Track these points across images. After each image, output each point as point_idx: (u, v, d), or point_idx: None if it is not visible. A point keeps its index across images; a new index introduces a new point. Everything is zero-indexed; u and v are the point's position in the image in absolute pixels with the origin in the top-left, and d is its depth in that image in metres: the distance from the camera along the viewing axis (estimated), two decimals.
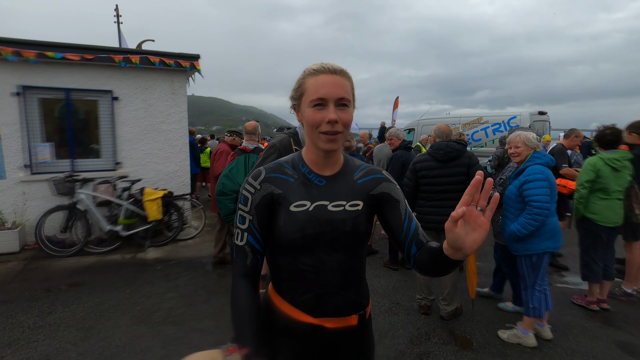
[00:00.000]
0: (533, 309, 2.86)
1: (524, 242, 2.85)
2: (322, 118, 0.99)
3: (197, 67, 6.15)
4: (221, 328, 3.19)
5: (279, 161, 1.13)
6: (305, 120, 1.03)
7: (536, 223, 2.72)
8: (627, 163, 3.38)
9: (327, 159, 1.08)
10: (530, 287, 2.89)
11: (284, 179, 1.08)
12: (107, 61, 5.53)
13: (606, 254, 3.51)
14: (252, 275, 1.09)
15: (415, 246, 1.08)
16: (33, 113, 5.35)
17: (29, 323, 3.23)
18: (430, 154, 3.32)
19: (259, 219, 1.07)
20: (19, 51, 4.99)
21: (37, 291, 3.88)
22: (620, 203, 3.39)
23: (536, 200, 2.72)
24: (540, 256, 2.83)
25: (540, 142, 2.98)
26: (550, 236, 2.80)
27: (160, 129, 6.13)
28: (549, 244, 2.80)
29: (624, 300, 3.74)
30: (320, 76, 1.00)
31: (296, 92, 1.07)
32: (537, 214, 2.71)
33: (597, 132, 3.54)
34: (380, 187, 1.14)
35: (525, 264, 2.90)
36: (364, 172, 1.15)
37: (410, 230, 1.10)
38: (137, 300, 3.70)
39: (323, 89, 0.99)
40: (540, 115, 9.47)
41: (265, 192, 1.06)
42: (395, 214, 1.12)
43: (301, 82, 1.05)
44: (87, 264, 4.73)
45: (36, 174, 5.38)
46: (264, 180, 1.07)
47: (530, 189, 2.76)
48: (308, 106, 1.01)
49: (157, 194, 5.40)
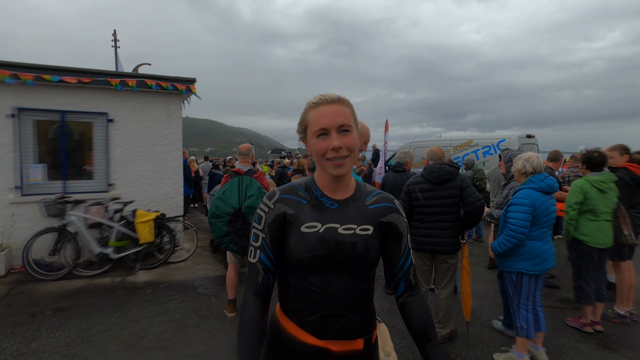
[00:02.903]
0: (520, 327, 2.90)
1: (503, 259, 3.03)
2: (326, 146, 1.05)
3: (193, 90, 6.25)
4: (212, 353, 3.10)
5: (292, 184, 1.19)
6: (312, 149, 1.09)
7: (509, 244, 2.89)
8: (612, 185, 3.48)
9: (338, 183, 1.13)
10: (516, 305, 2.97)
11: (296, 200, 1.13)
12: (104, 84, 5.61)
13: (598, 275, 3.54)
14: (263, 293, 1.11)
15: (404, 284, 1.19)
16: (27, 134, 5.36)
17: (12, 350, 3.11)
18: (423, 176, 3.38)
19: (271, 237, 1.11)
20: (17, 74, 5.05)
21: (21, 316, 3.76)
22: (609, 224, 3.46)
23: (512, 224, 2.88)
24: (518, 275, 2.94)
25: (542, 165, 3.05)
26: (527, 258, 2.89)
27: (154, 150, 6.15)
28: (524, 265, 2.89)
29: (617, 322, 3.74)
30: (320, 108, 1.07)
31: (301, 125, 1.14)
32: (511, 235, 2.88)
33: (584, 155, 3.64)
34: (390, 216, 1.18)
35: (508, 281, 3.04)
36: (377, 199, 1.19)
37: (404, 268, 1.19)
38: (125, 324, 3.60)
39: (324, 120, 1.05)
40: (529, 138, 9.72)
41: (279, 211, 1.11)
42: (396, 248, 1.19)
43: (304, 116, 1.12)
44: (75, 288, 4.61)
45: (27, 195, 5.32)
46: (278, 200, 1.13)
47: (510, 212, 2.93)
48: (313, 137, 1.08)
49: (149, 215, 5.36)
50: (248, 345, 1.04)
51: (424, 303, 1.19)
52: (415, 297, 1.19)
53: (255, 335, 1.05)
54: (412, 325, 1.16)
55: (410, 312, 1.17)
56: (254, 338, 1.05)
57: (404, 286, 1.19)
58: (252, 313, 1.08)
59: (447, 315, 3.30)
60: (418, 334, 1.14)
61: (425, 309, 1.18)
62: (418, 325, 1.15)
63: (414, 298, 1.19)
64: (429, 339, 1.13)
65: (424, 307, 1.18)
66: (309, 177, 1.21)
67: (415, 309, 1.17)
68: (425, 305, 1.19)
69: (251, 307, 1.09)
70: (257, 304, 1.09)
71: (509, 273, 3.01)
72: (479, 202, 3.17)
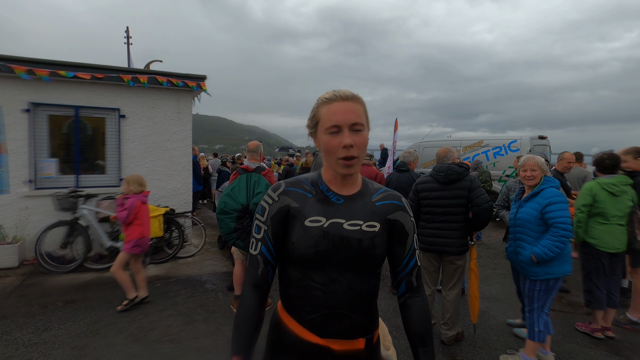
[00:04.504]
0: (539, 332, 2.81)
1: (546, 266, 2.79)
2: (338, 143, 1.03)
3: (203, 87, 6.29)
4: (219, 347, 3.13)
5: (299, 177, 1.17)
6: (322, 146, 1.07)
7: (562, 245, 2.71)
8: (627, 188, 3.39)
9: (345, 180, 1.12)
10: (537, 309, 2.84)
11: (302, 193, 1.11)
12: (116, 80, 5.68)
13: (610, 281, 3.46)
14: (262, 285, 1.11)
15: (405, 285, 1.17)
16: (41, 129, 5.46)
17: (24, 340, 3.18)
18: (432, 176, 3.35)
19: (273, 230, 1.10)
20: (32, 70, 5.14)
21: (33, 307, 3.84)
22: (622, 229, 3.38)
23: (562, 222, 2.71)
24: (557, 280, 2.82)
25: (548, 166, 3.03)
26: (568, 259, 2.81)
27: (164, 146, 6.21)
28: (567, 267, 2.80)
29: (629, 329, 3.67)
30: (333, 104, 1.05)
31: (312, 120, 1.11)
32: (564, 235, 2.70)
33: (596, 158, 3.59)
34: (397, 214, 1.16)
35: (539, 287, 2.84)
36: (384, 196, 1.17)
37: (406, 268, 1.17)
38: (134, 318, 3.65)
39: (336, 116, 1.03)
40: (541, 139, 9.56)
41: (283, 204, 1.10)
42: (400, 247, 1.16)
43: (315, 111, 1.09)
44: (86, 281, 4.69)
45: (40, 189, 5.42)
46: (282, 193, 1.11)
47: (555, 211, 2.75)
48: (324, 133, 1.05)
49: (158, 210, 5.42)
50: (243, 336, 1.06)
51: (424, 306, 1.16)
52: (415, 299, 1.16)
53: (251, 327, 1.07)
54: (408, 327, 1.15)
55: (408, 314, 1.16)
56: (249, 329, 1.06)
57: (404, 287, 1.17)
58: (249, 305, 1.09)
59: (454, 317, 3.27)
60: (413, 337, 1.13)
61: (423, 312, 1.15)
62: (414, 329, 1.13)
63: (415, 300, 1.16)
64: (424, 344, 1.11)
65: (423, 311, 1.15)
66: (315, 172, 1.19)
67: (414, 311, 1.15)
68: (425, 309, 1.16)
69: (249, 299, 1.09)
70: (254, 296, 1.10)
71: (545, 280, 2.81)
72: (487, 203, 3.12)
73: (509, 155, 9.27)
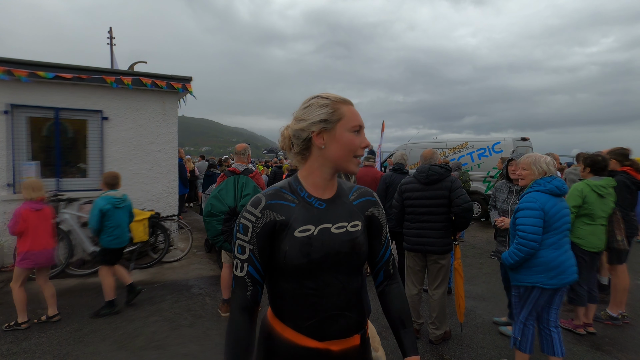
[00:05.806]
0: (514, 339, 2.70)
1: (515, 272, 2.67)
2: (360, 142, 1.09)
3: (189, 89, 6.22)
4: (206, 352, 3.09)
5: (275, 187, 1.13)
6: (342, 143, 1.06)
7: (520, 254, 2.53)
8: (611, 190, 3.47)
9: (332, 180, 1.14)
10: (516, 315, 2.75)
11: (284, 204, 1.08)
12: (99, 82, 5.56)
13: (589, 277, 3.56)
14: (252, 307, 1.08)
15: (383, 274, 1.25)
16: (20, 131, 5.30)
17: (2, 350, 3.07)
18: (414, 177, 3.41)
19: (259, 247, 1.05)
20: (11, 70, 4.99)
21: (12, 316, 3.71)
22: (603, 229, 3.46)
23: (522, 231, 2.54)
24: (528, 289, 2.61)
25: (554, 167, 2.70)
26: (542, 270, 2.53)
27: (149, 149, 6.11)
28: (540, 279, 2.53)
29: (609, 324, 3.77)
30: (351, 106, 1.11)
31: (332, 115, 1.06)
32: (521, 244, 2.53)
33: (588, 159, 3.58)
34: (372, 209, 1.21)
35: (514, 293, 2.75)
36: (358, 194, 1.21)
37: (384, 258, 1.25)
38: (118, 324, 3.57)
39: (359, 118, 1.10)
40: (523, 141, 9.79)
41: (267, 219, 1.05)
42: (377, 239, 1.23)
43: (334, 107, 1.07)
44: (68, 287, 4.56)
45: (19, 193, 5.26)
46: (265, 208, 1.05)
47: (518, 218, 2.60)
48: (348, 130, 1.07)
49: (143, 214, 5.31)
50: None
51: (401, 291, 1.25)
52: (392, 286, 1.25)
53: (247, 352, 1.04)
54: (389, 312, 1.21)
55: (388, 300, 1.23)
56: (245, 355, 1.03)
57: (383, 276, 1.25)
58: (241, 329, 1.05)
59: (440, 316, 3.31)
60: (394, 321, 1.20)
61: (401, 297, 1.23)
62: (395, 313, 1.20)
63: (392, 287, 1.24)
64: (404, 326, 1.18)
65: (400, 296, 1.23)
66: (291, 178, 1.16)
67: (393, 297, 1.22)
68: (402, 294, 1.24)
69: (240, 323, 1.05)
70: (245, 319, 1.06)
71: (516, 286, 2.69)
72: (466, 203, 3.17)
73: (493, 156, 9.45)
